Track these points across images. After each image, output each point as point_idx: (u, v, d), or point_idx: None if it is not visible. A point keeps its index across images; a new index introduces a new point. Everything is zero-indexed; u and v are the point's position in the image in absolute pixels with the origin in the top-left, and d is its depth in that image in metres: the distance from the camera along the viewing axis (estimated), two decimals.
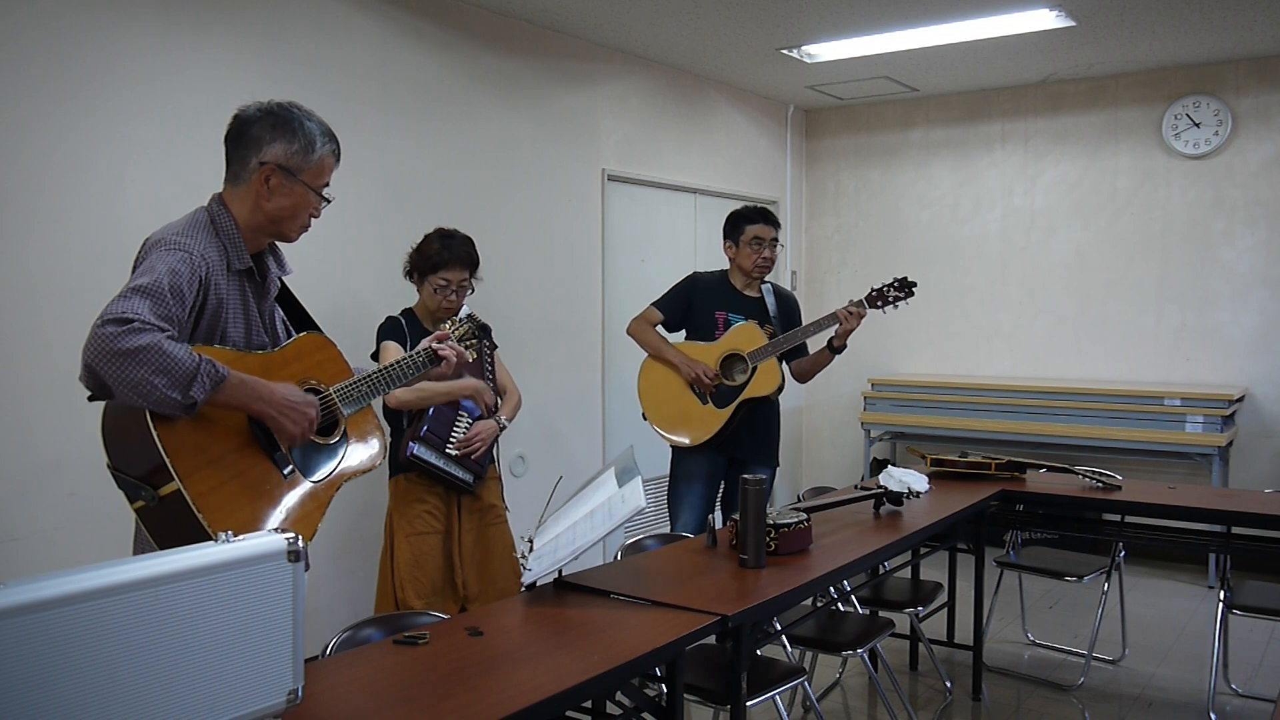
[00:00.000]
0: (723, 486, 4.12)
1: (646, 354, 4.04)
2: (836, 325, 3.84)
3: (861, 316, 3.85)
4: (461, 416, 3.37)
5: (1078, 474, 3.95)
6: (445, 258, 3.36)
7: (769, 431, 4.04)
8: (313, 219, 2.24)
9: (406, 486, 3.36)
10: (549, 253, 5.04)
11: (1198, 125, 5.73)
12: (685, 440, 3.94)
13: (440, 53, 4.43)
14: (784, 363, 4.03)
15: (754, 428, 3.96)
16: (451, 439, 3.34)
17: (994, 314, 6.43)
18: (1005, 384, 5.98)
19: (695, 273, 4.18)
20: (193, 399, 1.87)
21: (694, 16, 4.77)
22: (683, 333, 4.12)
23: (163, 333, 1.86)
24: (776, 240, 4.02)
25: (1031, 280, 6.29)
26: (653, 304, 4.10)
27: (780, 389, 3.94)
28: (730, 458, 4.00)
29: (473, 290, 3.48)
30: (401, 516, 3.35)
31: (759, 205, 4.12)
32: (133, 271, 2.04)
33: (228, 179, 2.18)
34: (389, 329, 3.40)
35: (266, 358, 2.13)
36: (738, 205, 4.15)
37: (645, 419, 4.02)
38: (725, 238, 4.07)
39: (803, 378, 4.13)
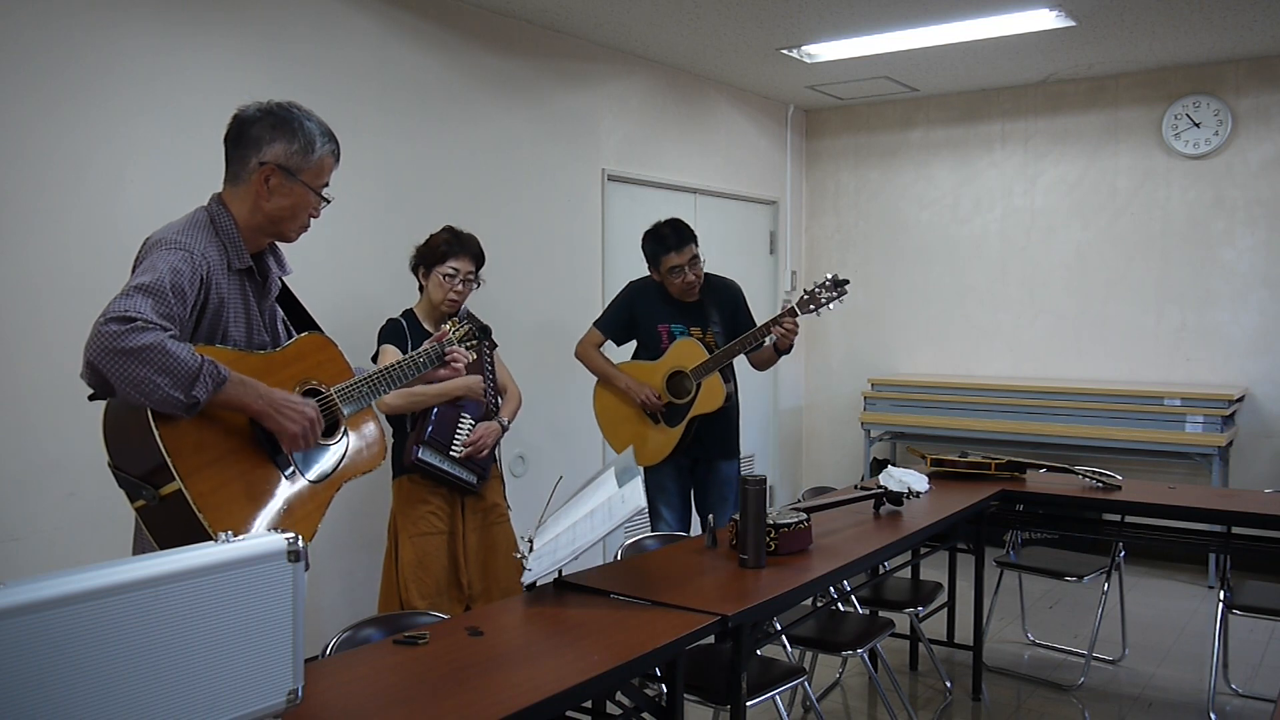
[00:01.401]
0: (693, 486, 4.14)
1: (596, 379, 4.06)
2: (769, 338, 3.78)
3: (794, 328, 3.75)
4: (464, 418, 3.38)
5: (1078, 474, 3.95)
6: (455, 248, 3.40)
7: (727, 429, 4.05)
8: (312, 219, 2.24)
9: (410, 488, 3.36)
10: (549, 253, 5.04)
11: (1198, 125, 5.73)
12: (645, 462, 3.96)
13: (440, 53, 4.43)
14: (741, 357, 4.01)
15: (711, 429, 3.97)
16: (455, 441, 3.34)
17: (994, 314, 6.43)
18: (1005, 384, 5.98)
19: (631, 282, 4.12)
20: (195, 399, 1.87)
21: (694, 16, 4.77)
22: (633, 344, 4.13)
23: (165, 332, 1.86)
24: (696, 256, 3.89)
25: (1031, 280, 6.29)
26: (594, 324, 4.09)
27: (729, 398, 3.93)
28: (693, 459, 4.03)
29: (478, 285, 3.50)
30: (405, 518, 3.36)
31: (671, 222, 3.93)
32: (133, 271, 2.04)
33: (227, 179, 2.18)
34: (389, 332, 3.41)
35: (267, 358, 2.13)
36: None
37: (608, 443, 4.07)
38: (647, 262, 3.98)
39: (760, 369, 4.16)
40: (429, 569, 3.33)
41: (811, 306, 3.80)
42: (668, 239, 3.89)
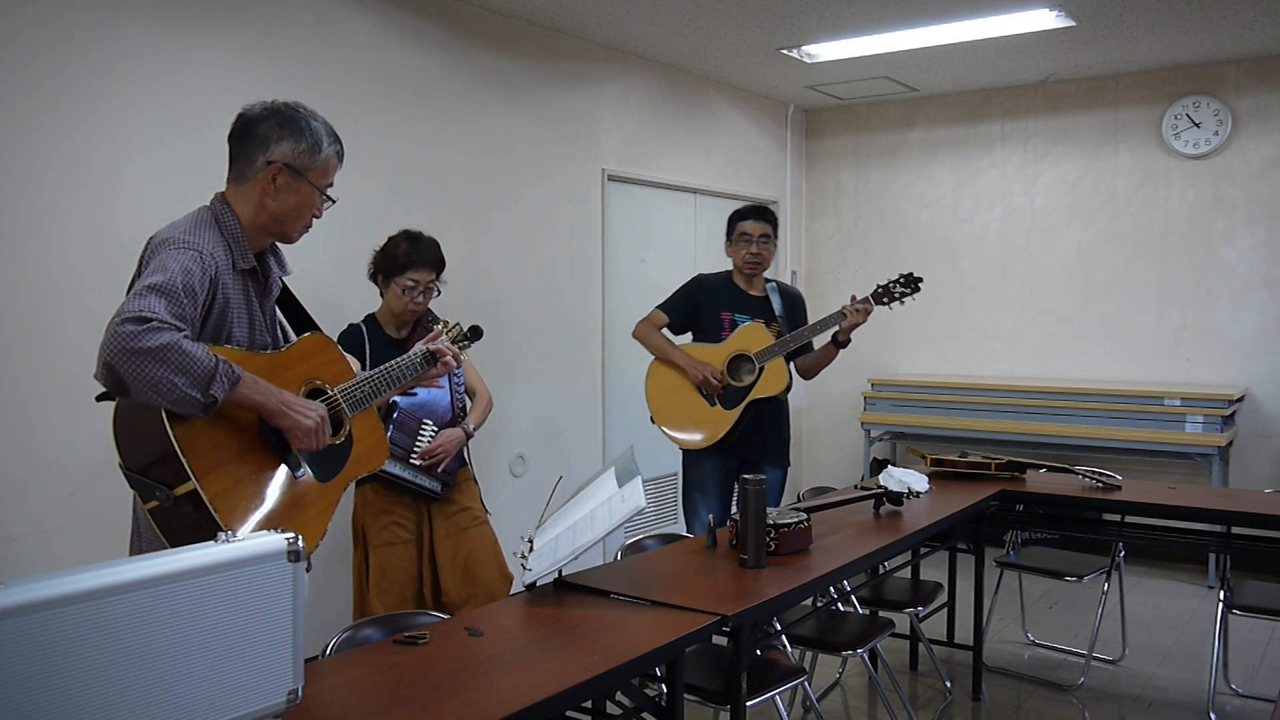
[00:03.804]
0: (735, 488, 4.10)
1: (653, 357, 4.03)
2: (842, 321, 3.84)
3: (868, 313, 3.84)
4: (426, 424, 3.31)
5: (1078, 474, 3.95)
6: (413, 258, 3.27)
7: (778, 432, 4.02)
8: (315, 219, 2.24)
9: (373, 497, 3.30)
10: (549, 253, 5.04)
11: (1198, 125, 5.73)
12: (694, 443, 3.92)
13: (440, 53, 4.44)
14: (790, 361, 4.01)
15: (763, 428, 3.94)
16: (416, 448, 3.28)
17: (994, 314, 6.43)
18: (1005, 384, 5.98)
19: (700, 274, 4.16)
20: (213, 397, 1.87)
21: (694, 16, 4.77)
22: (688, 335, 4.10)
23: (179, 332, 1.86)
24: (769, 236, 4.00)
25: (1031, 280, 6.29)
26: (658, 307, 4.08)
27: (788, 388, 3.93)
28: (740, 459, 3.97)
29: (439, 293, 3.40)
30: (370, 528, 3.31)
31: (756, 204, 4.13)
32: (139, 271, 2.04)
33: (231, 178, 2.18)
34: (347, 339, 3.32)
35: (273, 358, 2.14)
36: (737, 205, 4.16)
37: (654, 422, 3.99)
38: (726, 238, 4.09)
39: (808, 374, 4.11)
40: (392, 579, 3.28)
41: (886, 299, 3.89)
42: (745, 211, 4.03)
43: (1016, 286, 6.35)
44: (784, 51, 5.37)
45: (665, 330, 4.05)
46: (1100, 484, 3.85)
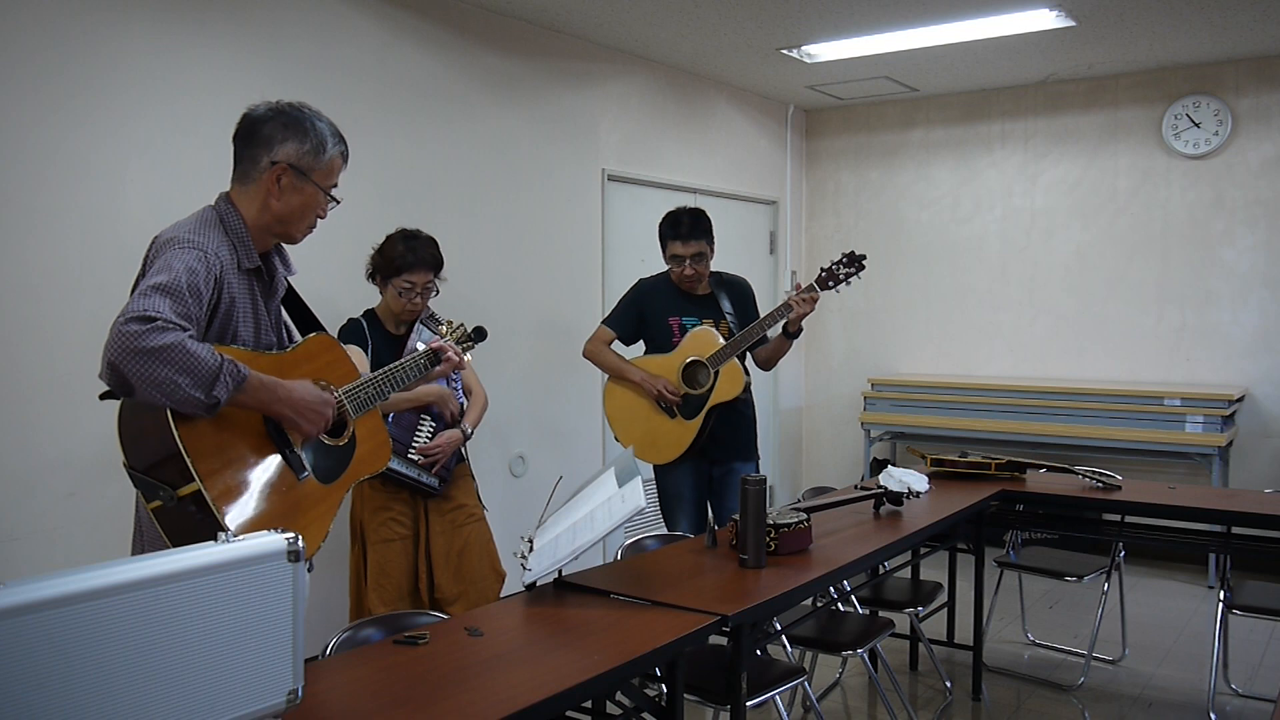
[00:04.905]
0: (710, 491, 4.07)
1: (607, 376, 3.97)
2: (789, 313, 3.74)
3: (815, 301, 3.73)
4: (424, 421, 3.33)
5: (1078, 474, 3.95)
6: (409, 260, 3.27)
7: (745, 428, 3.98)
8: (319, 219, 2.24)
9: (370, 494, 3.33)
10: (549, 253, 5.04)
11: (1198, 125, 5.73)
12: (661, 459, 3.88)
13: (440, 53, 4.44)
14: (747, 354, 3.93)
15: (730, 427, 3.90)
16: (414, 445, 3.30)
17: (994, 314, 6.43)
18: (1005, 384, 5.98)
19: (640, 280, 4.07)
20: (216, 398, 1.87)
21: (694, 16, 4.78)
22: (641, 344, 4.04)
23: (184, 332, 1.86)
24: (703, 254, 3.85)
25: (1031, 280, 6.29)
26: (603, 322, 4.02)
27: (746, 388, 3.87)
28: (711, 460, 3.94)
29: (437, 292, 3.40)
30: (368, 524, 3.33)
31: (693, 212, 3.89)
32: (143, 270, 2.04)
33: (236, 178, 2.18)
34: (350, 332, 3.34)
35: (279, 359, 2.14)
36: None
37: (619, 442, 3.95)
38: (660, 245, 3.95)
39: (765, 366, 4.05)
40: (390, 575, 3.30)
41: (831, 283, 3.80)
42: (680, 226, 3.85)
43: (1016, 286, 6.35)
44: (784, 51, 5.37)
45: (616, 345, 3.98)
46: (1100, 484, 3.85)
